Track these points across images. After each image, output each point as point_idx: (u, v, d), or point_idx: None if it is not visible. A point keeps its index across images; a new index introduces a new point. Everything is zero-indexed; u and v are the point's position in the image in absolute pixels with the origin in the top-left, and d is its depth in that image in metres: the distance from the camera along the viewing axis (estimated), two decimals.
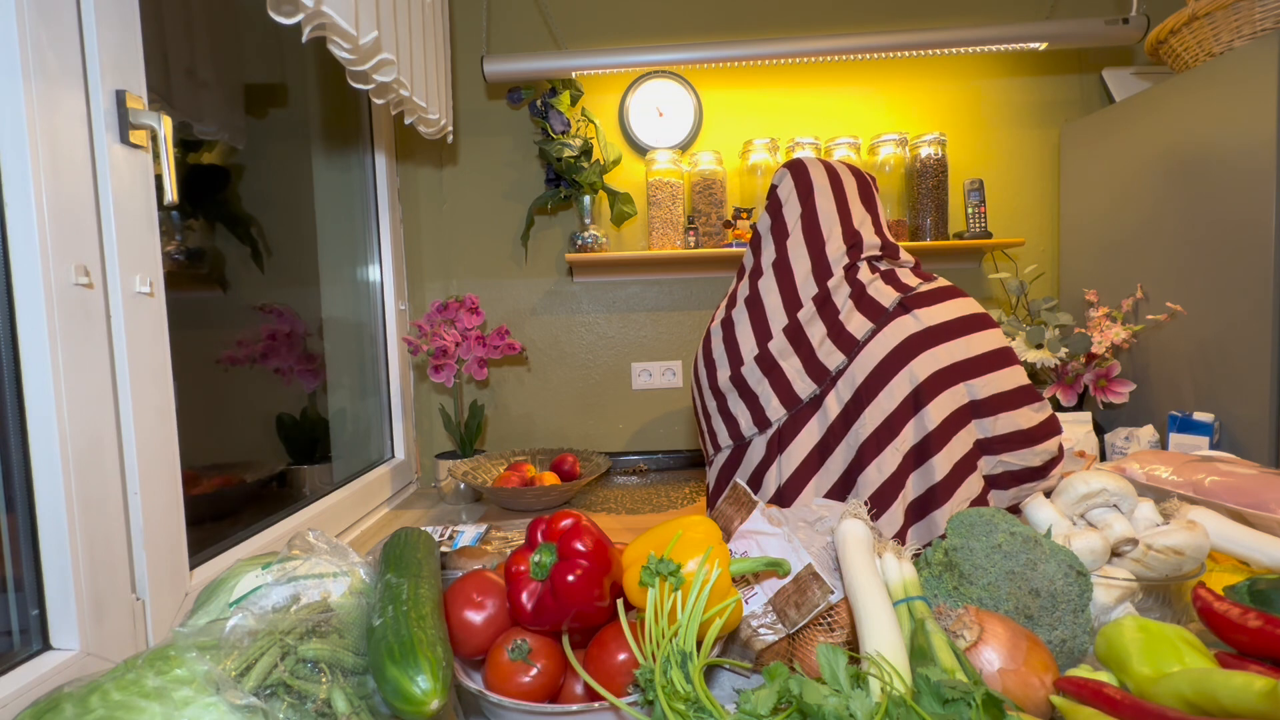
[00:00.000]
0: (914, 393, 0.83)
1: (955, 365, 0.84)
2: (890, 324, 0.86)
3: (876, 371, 0.85)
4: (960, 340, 0.85)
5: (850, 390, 0.86)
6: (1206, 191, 1.24)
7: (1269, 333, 1.12)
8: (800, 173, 0.99)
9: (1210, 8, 1.21)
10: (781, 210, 0.98)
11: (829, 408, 0.87)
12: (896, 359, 0.84)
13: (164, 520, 0.76)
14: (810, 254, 0.93)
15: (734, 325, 0.96)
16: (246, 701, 0.43)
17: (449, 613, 0.62)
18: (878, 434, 0.84)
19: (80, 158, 0.67)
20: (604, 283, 1.73)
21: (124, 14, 0.73)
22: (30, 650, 0.63)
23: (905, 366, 0.84)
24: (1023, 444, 0.84)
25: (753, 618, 0.63)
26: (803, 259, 0.93)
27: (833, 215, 0.94)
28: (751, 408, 0.93)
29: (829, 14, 1.68)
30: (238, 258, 1.12)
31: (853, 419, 0.85)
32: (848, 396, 0.86)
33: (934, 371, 0.83)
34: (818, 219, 0.94)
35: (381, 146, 1.57)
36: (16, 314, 0.62)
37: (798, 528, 0.69)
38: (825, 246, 0.92)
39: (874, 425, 0.84)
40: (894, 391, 0.84)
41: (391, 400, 1.60)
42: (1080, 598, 0.58)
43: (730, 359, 0.95)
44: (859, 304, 0.89)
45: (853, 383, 0.86)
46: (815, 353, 0.89)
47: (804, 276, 0.92)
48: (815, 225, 0.94)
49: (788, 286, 0.93)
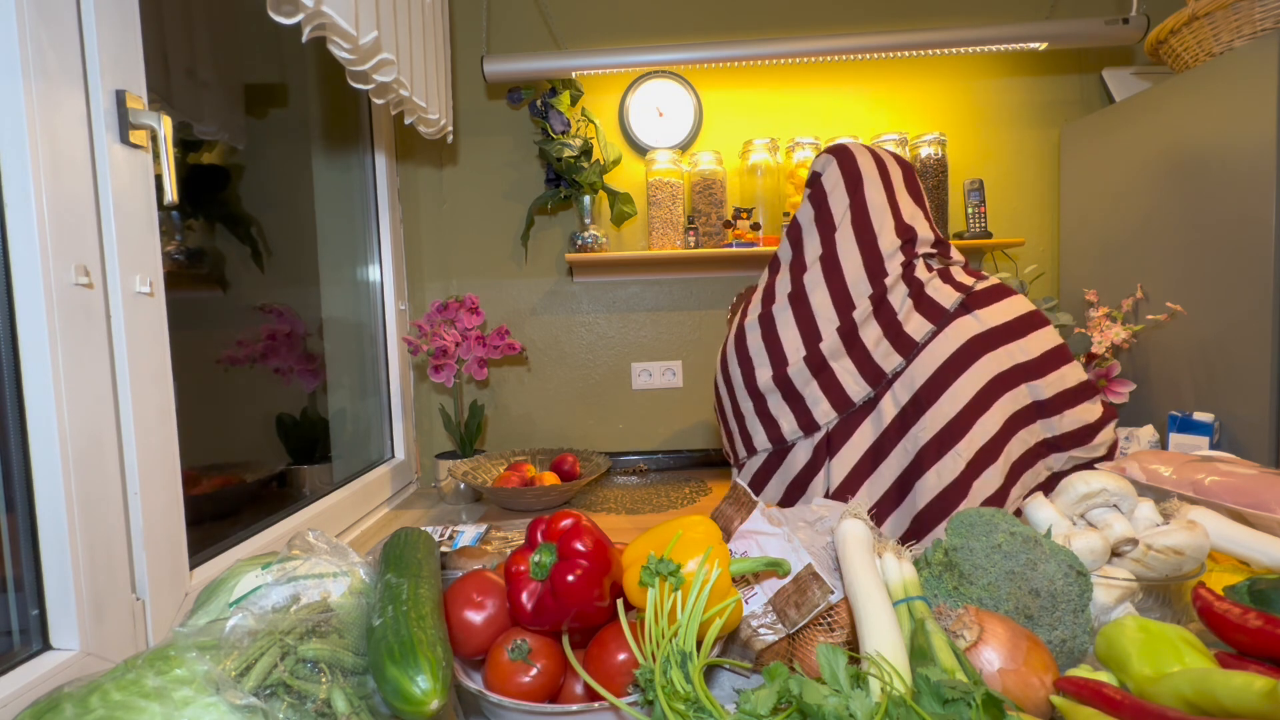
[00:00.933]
0: (978, 395, 0.80)
1: (1018, 366, 0.82)
2: (951, 325, 0.83)
3: (938, 374, 0.82)
4: (1020, 341, 0.83)
5: (909, 393, 0.83)
6: (1206, 191, 1.24)
7: (1269, 333, 1.12)
8: (847, 160, 0.94)
9: (1210, 8, 1.21)
10: (827, 201, 0.92)
11: (884, 410, 0.84)
12: (960, 361, 0.81)
13: (164, 520, 0.76)
14: (861, 250, 0.88)
15: (775, 322, 0.91)
16: (246, 701, 0.43)
17: (449, 613, 0.62)
18: (939, 438, 0.80)
19: (80, 158, 0.67)
20: (604, 283, 1.73)
21: (124, 14, 0.73)
22: (30, 650, 0.63)
23: (969, 369, 0.81)
24: (1089, 438, 0.83)
25: (753, 618, 0.63)
26: (853, 255, 0.88)
27: (884, 208, 0.90)
28: (796, 410, 0.89)
29: (829, 14, 1.68)
30: (238, 258, 1.12)
31: (911, 422, 0.82)
32: (905, 399, 0.83)
33: (998, 373, 0.81)
34: (868, 212, 0.89)
35: (381, 146, 1.57)
36: (16, 314, 0.62)
37: (798, 528, 0.69)
38: (878, 242, 0.88)
39: (935, 429, 0.80)
40: (957, 394, 0.80)
41: (391, 400, 1.60)
42: (1080, 598, 0.58)
43: (773, 359, 0.90)
44: (918, 304, 0.85)
45: (911, 385, 0.83)
46: (871, 354, 0.85)
47: (856, 274, 0.88)
48: (866, 219, 0.89)
49: (838, 284, 0.88)
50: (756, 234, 1.56)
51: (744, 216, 1.56)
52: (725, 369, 0.97)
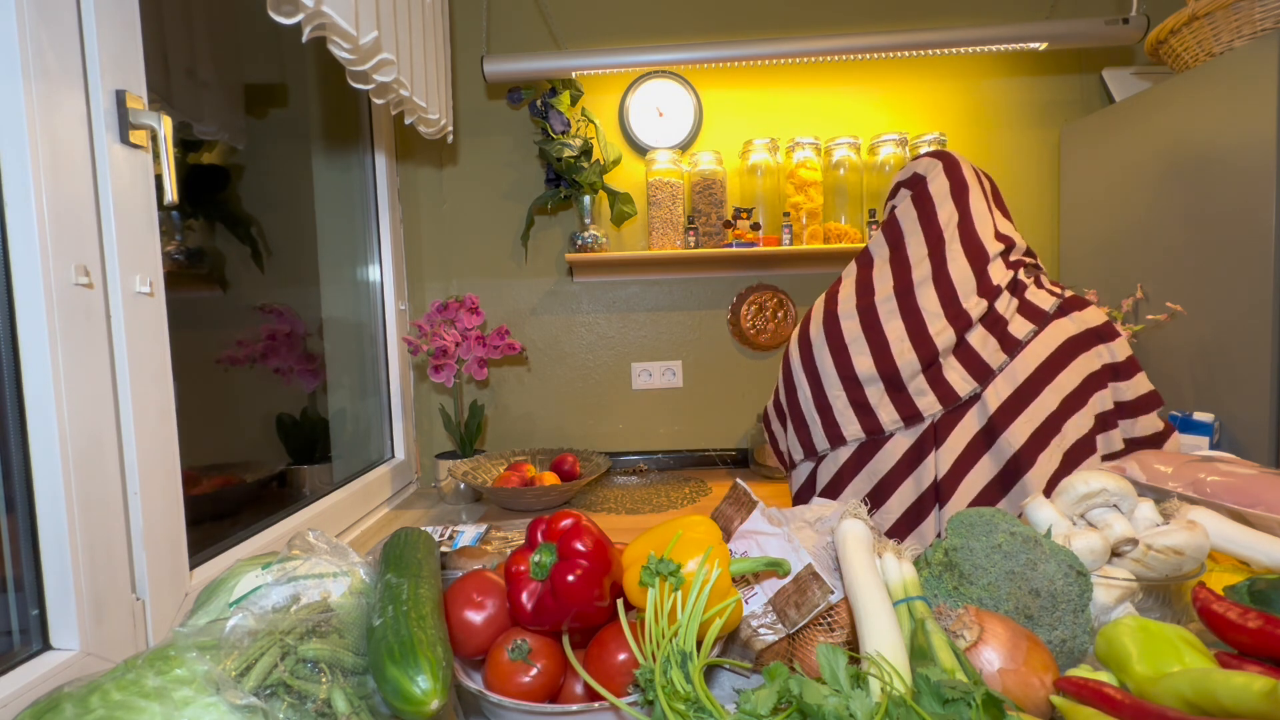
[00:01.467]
0: (1076, 390, 0.86)
1: (1107, 366, 0.87)
2: (1050, 326, 0.89)
3: (1041, 369, 0.87)
4: (1106, 345, 0.88)
5: (1011, 387, 0.87)
6: (1206, 191, 1.24)
7: (1269, 333, 1.12)
8: (953, 168, 0.99)
9: (1210, 8, 1.21)
10: (933, 204, 0.97)
11: (988, 402, 0.88)
12: (1060, 358, 0.87)
13: (164, 520, 0.76)
14: (969, 255, 0.93)
15: (878, 313, 0.94)
16: (246, 701, 0.43)
17: (449, 613, 0.62)
18: (1040, 431, 0.85)
19: (80, 158, 0.67)
20: (604, 283, 1.73)
21: (124, 14, 0.73)
22: (30, 650, 0.63)
23: (1068, 365, 0.86)
24: (1157, 444, 0.89)
25: (753, 618, 0.63)
26: (961, 259, 0.93)
27: (986, 216, 0.96)
28: (899, 402, 0.91)
29: (829, 14, 1.68)
30: (238, 258, 1.12)
31: (1013, 415, 0.87)
32: (1008, 393, 0.87)
33: (1092, 372, 0.86)
34: (973, 220, 0.95)
35: (381, 146, 1.57)
36: (16, 314, 0.62)
37: (798, 528, 0.69)
38: (984, 249, 0.93)
39: (1037, 422, 0.85)
40: (1059, 388, 0.86)
41: (391, 400, 1.60)
42: (1080, 598, 0.58)
43: (874, 348, 0.93)
44: (1021, 307, 0.91)
45: (1014, 379, 0.87)
46: (979, 354, 0.90)
47: (963, 276, 0.92)
48: (972, 226, 0.95)
49: (945, 286, 0.93)
50: (756, 234, 1.56)
51: (744, 216, 1.56)
52: (808, 356, 0.98)
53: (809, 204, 1.58)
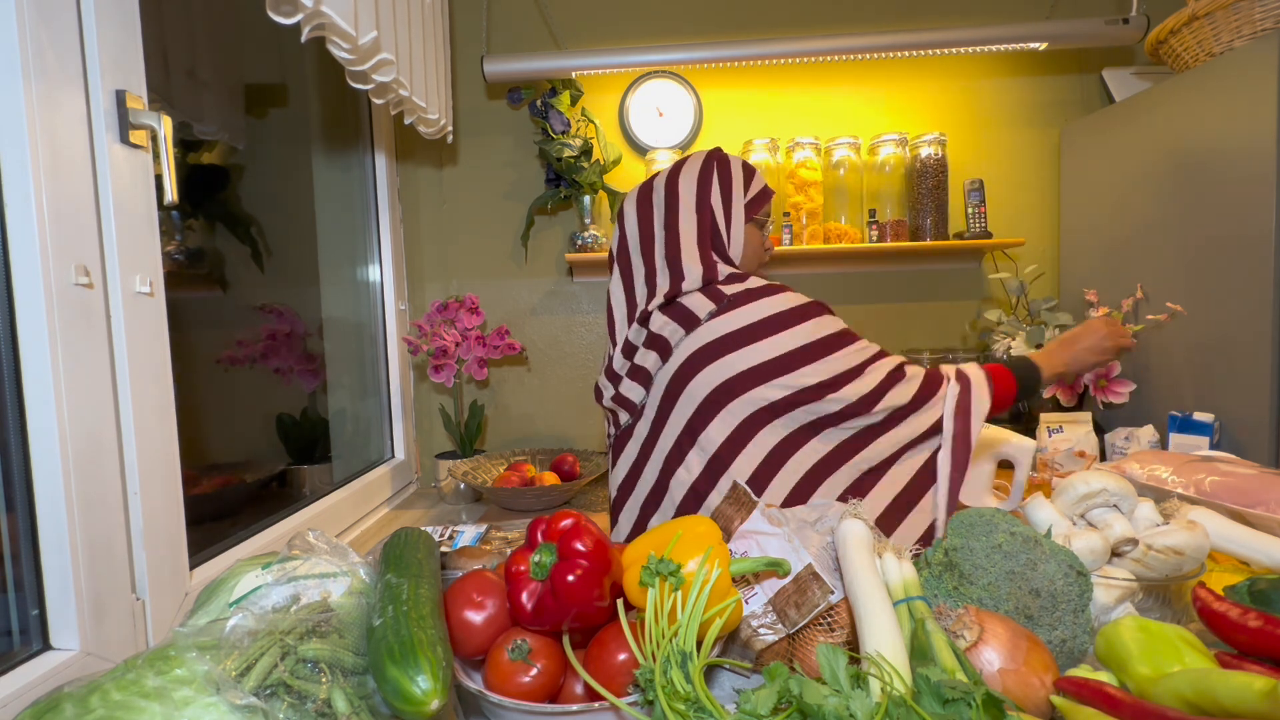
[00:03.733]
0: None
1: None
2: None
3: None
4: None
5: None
6: (1207, 191, 1.24)
7: (1269, 333, 1.12)
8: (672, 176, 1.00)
9: (1210, 8, 1.21)
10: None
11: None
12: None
13: (164, 520, 0.76)
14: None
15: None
16: (246, 701, 0.43)
17: (449, 613, 0.62)
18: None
19: (80, 158, 0.67)
20: (604, 283, 1.73)
21: (124, 14, 0.73)
22: (30, 650, 0.63)
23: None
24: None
25: (753, 618, 0.63)
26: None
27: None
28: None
29: (829, 14, 1.68)
30: (238, 258, 1.12)
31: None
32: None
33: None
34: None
35: (381, 146, 1.57)
36: (16, 314, 0.62)
37: (798, 528, 0.69)
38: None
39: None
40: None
41: (391, 400, 1.60)
42: (1080, 598, 0.58)
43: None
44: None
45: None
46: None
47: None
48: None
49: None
50: None
51: None
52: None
53: (809, 204, 1.58)
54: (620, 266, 0.96)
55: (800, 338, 0.83)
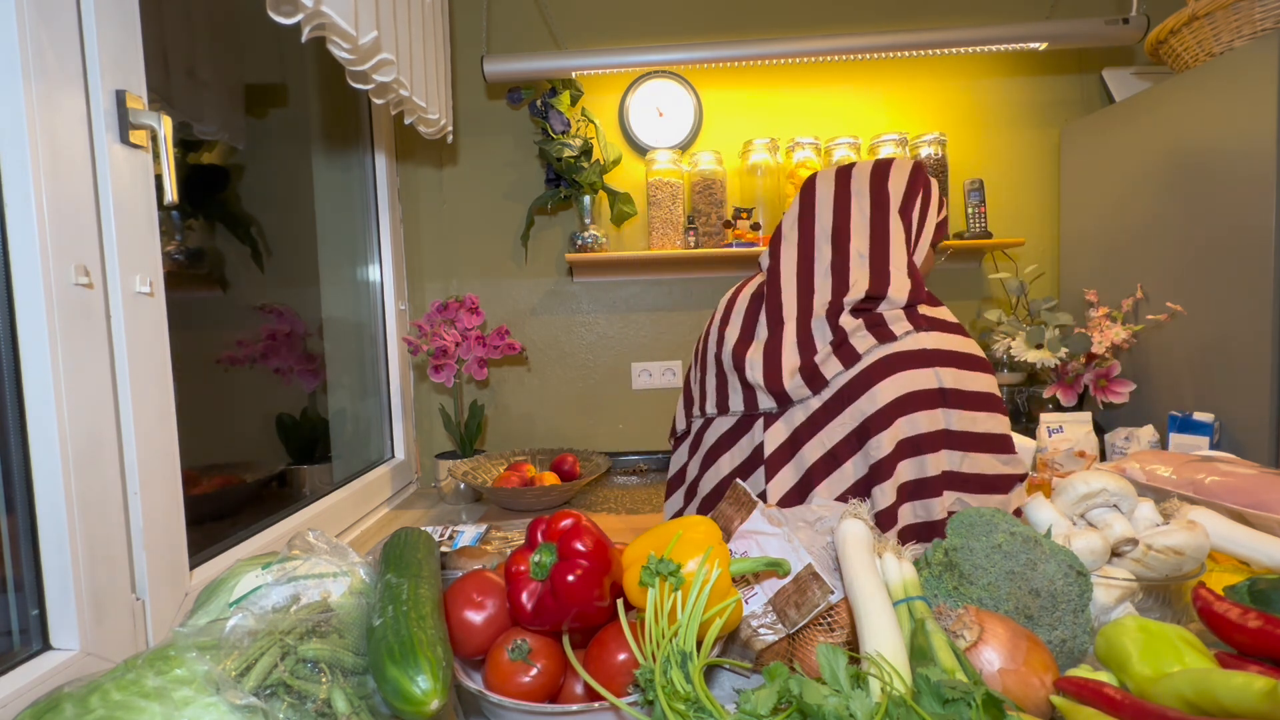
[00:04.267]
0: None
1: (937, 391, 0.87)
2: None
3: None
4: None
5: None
6: (1207, 191, 1.24)
7: (1269, 333, 1.12)
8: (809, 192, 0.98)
9: (1210, 8, 1.21)
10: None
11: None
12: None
13: (164, 520, 0.76)
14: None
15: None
16: (246, 701, 0.43)
17: (449, 613, 0.62)
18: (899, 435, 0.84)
19: (80, 158, 0.67)
20: (604, 283, 1.73)
21: (124, 14, 0.73)
22: (30, 650, 0.63)
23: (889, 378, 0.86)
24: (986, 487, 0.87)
25: (753, 618, 0.63)
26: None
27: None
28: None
29: (829, 14, 1.68)
30: (238, 258, 1.12)
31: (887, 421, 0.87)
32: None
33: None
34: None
35: (381, 146, 1.57)
36: (16, 314, 0.62)
37: (798, 528, 0.69)
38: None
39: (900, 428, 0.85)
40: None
41: (391, 400, 1.60)
42: (1080, 598, 0.58)
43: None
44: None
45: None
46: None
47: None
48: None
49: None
50: (756, 234, 1.56)
51: (744, 216, 1.56)
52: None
53: None
54: (801, 238, 0.92)
55: (987, 385, 0.85)
